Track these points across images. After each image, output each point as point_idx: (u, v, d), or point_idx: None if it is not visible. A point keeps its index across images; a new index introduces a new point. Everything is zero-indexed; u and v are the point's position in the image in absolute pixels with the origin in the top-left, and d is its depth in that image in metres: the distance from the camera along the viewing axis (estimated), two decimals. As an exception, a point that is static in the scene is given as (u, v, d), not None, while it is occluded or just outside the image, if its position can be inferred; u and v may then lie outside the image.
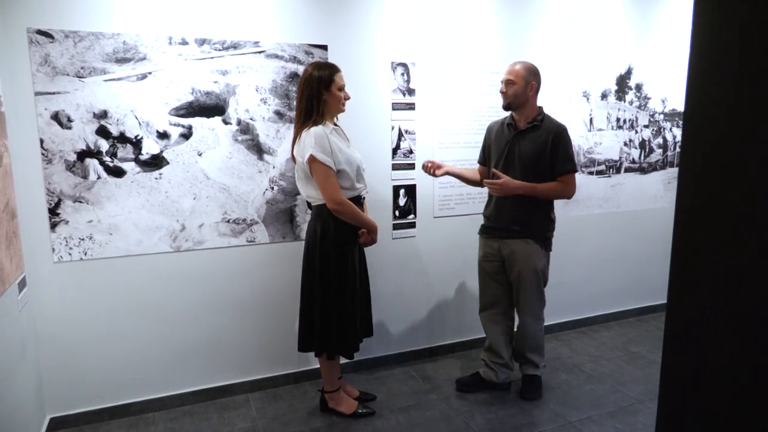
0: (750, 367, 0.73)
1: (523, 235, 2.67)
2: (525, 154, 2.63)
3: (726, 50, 0.74)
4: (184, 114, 2.55)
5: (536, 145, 2.61)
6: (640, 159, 3.85)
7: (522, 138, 2.65)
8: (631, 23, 3.62)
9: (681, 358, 0.89)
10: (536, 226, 2.68)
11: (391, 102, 2.97)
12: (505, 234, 2.71)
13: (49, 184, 2.35)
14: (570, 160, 2.61)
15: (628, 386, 2.91)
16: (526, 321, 2.76)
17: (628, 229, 3.86)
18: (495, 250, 2.77)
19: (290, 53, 2.71)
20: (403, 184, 3.07)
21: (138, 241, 2.53)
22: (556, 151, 2.59)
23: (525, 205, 2.64)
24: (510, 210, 2.67)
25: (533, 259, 2.67)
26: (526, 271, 2.68)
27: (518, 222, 2.66)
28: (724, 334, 0.78)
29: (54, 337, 2.46)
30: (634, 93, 3.74)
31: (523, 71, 2.60)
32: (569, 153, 2.62)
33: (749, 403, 0.74)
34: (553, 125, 2.62)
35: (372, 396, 2.78)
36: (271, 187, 2.75)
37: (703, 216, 0.81)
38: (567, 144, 2.61)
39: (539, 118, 2.64)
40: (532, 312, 2.75)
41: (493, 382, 2.86)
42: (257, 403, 2.76)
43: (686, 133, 0.82)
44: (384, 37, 2.90)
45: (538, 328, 2.77)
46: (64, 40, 2.30)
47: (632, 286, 3.95)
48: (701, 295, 0.82)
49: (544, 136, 2.60)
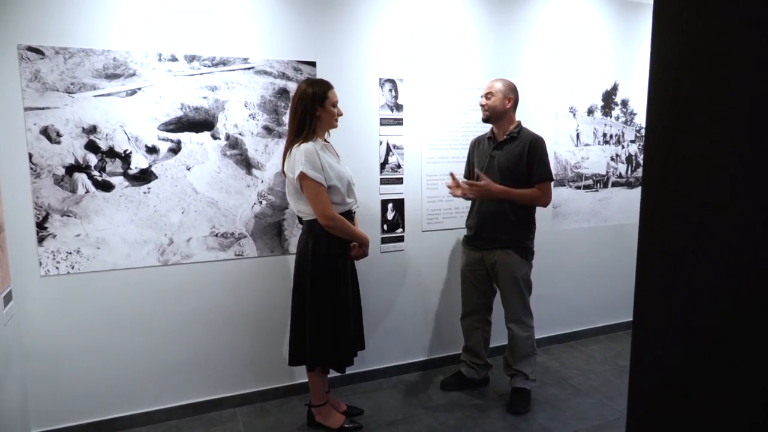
0: (714, 371, 0.75)
1: (503, 246, 2.76)
2: (503, 164, 2.74)
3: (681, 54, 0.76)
4: (173, 129, 2.58)
5: (513, 156, 2.72)
6: (627, 173, 3.90)
7: (500, 149, 2.77)
8: (617, 40, 3.69)
9: (648, 366, 0.91)
10: (516, 236, 2.76)
11: (379, 117, 3.01)
12: (486, 245, 2.81)
13: (37, 198, 2.37)
14: (545, 169, 2.71)
15: (615, 400, 2.91)
16: (512, 328, 2.83)
17: (616, 243, 3.89)
18: (477, 260, 2.87)
19: (279, 69, 2.75)
20: (392, 198, 3.10)
21: (126, 255, 2.54)
22: (532, 160, 2.70)
23: (506, 217, 2.73)
24: (491, 221, 2.77)
25: (514, 268, 2.76)
26: (508, 280, 2.78)
27: (499, 233, 2.76)
28: (690, 341, 0.80)
29: (40, 351, 2.45)
30: (620, 109, 3.80)
31: (501, 86, 2.74)
32: (544, 162, 2.72)
33: (715, 410, 0.76)
34: (529, 136, 2.74)
35: (359, 410, 2.77)
36: (260, 201, 2.78)
37: (665, 225, 0.83)
38: (542, 153, 2.71)
39: (516, 130, 2.76)
40: (517, 320, 2.81)
41: (474, 379, 3.06)
42: (244, 418, 2.75)
43: (648, 139, 0.84)
44: (372, 53, 2.95)
45: (526, 337, 2.81)
46: (54, 56, 2.33)
47: (621, 300, 3.97)
48: (667, 306, 0.85)
49: (521, 147, 2.71)
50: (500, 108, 2.73)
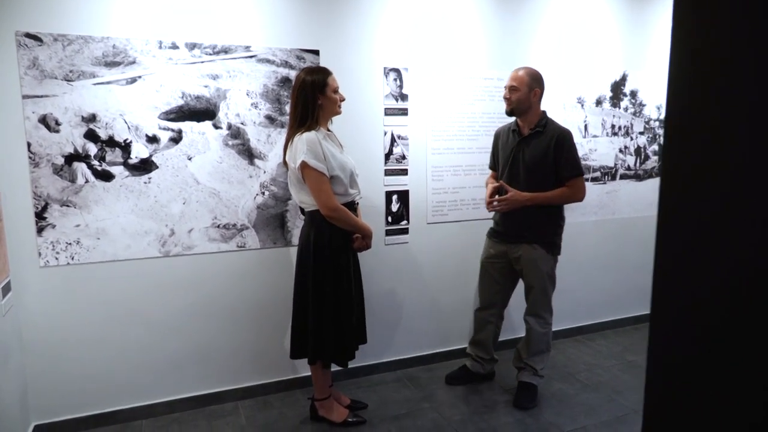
0: (733, 368, 0.71)
1: (529, 240, 2.68)
2: (529, 160, 2.64)
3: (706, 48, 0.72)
4: (174, 118, 2.53)
5: (539, 152, 2.62)
6: (635, 166, 3.83)
7: (526, 144, 2.66)
8: (626, 30, 3.62)
9: (666, 362, 0.86)
10: (543, 230, 2.68)
11: (383, 107, 2.95)
12: (512, 239, 2.73)
13: (36, 187, 2.33)
14: (574, 165, 2.61)
15: (623, 395, 2.86)
16: (530, 322, 2.77)
17: (623, 236, 3.83)
18: (501, 253, 2.80)
19: (281, 58, 2.70)
20: (396, 189, 3.05)
21: (126, 246, 2.51)
22: (560, 156, 2.59)
23: (532, 211, 2.64)
24: (517, 215, 2.68)
25: (539, 263, 2.68)
26: (533, 275, 2.71)
27: (525, 227, 2.68)
28: (708, 336, 0.75)
29: (40, 343, 2.42)
30: (629, 100, 3.73)
31: (526, 77, 2.60)
32: (573, 157, 2.61)
33: (733, 406, 0.71)
34: (556, 130, 2.62)
35: (363, 404, 2.73)
36: (262, 192, 2.73)
37: (685, 217, 0.78)
38: (570, 148, 2.61)
39: (542, 123, 2.64)
40: (537, 314, 2.76)
41: (479, 374, 3.00)
42: (247, 411, 2.71)
43: (668, 134, 0.79)
44: (376, 42, 2.90)
45: (543, 333, 2.76)
46: (52, 43, 2.29)
47: (628, 294, 3.91)
48: (685, 298, 0.80)
49: (546, 142, 2.61)
50: (526, 102, 2.60)
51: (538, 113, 2.66)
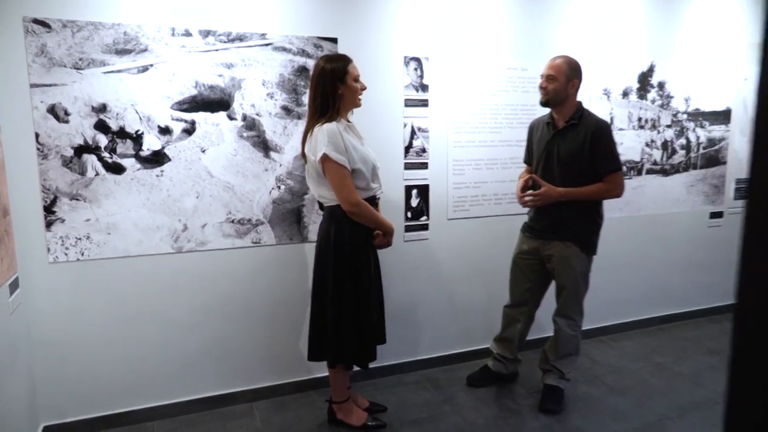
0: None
1: (563, 238, 2.55)
2: (563, 154, 2.51)
3: None
4: (187, 108, 2.43)
5: (574, 145, 2.49)
6: (662, 160, 3.69)
7: (561, 137, 2.53)
8: (654, 18, 3.47)
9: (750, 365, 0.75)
10: (578, 228, 2.55)
11: (403, 98, 2.83)
12: (545, 235, 2.61)
13: (45, 180, 2.24)
14: (612, 159, 2.47)
15: (653, 400, 2.74)
16: (558, 323, 2.65)
17: (648, 234, 3.69)
18: (534, 249, 2.68)
19: (298, 46, 2.58)
20: (416, 184, 2.93)
21: (138, 241, 2.41)
22: (596, 150, 2.46)
23: (567, 206, 2.51)
24: (551, 211, 2.55)
25: (572, 262, 2.56)
26: (565, 275, 2.58)
27: (559, 224, 2.55)
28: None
29: (48, 342, 2.34)
30: (657, 91, 3.58)
31: (565, 67, 2.48)
32: (611, 151, 2.48)
33: None
34: (592, 122, 2.49)
35: (382, 407, 2.63)
36: (278, 186, 2.63)
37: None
38: (607, 141, 2.47)
39: (577, 116, 2.51)
40: (567, 315, 2.63)
41: (502, 374, 2.88)
42: (262, 413, 2.62)
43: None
44: (397, 30, 2.78)
45: (572, 336, 2.64)
46: (61, 29, 2.19)
47: (653, 293, 3.78)
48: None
49: (583, 135, 2.47)
50: (563, 93, 2.47)
51: (575, 105, 2.53)
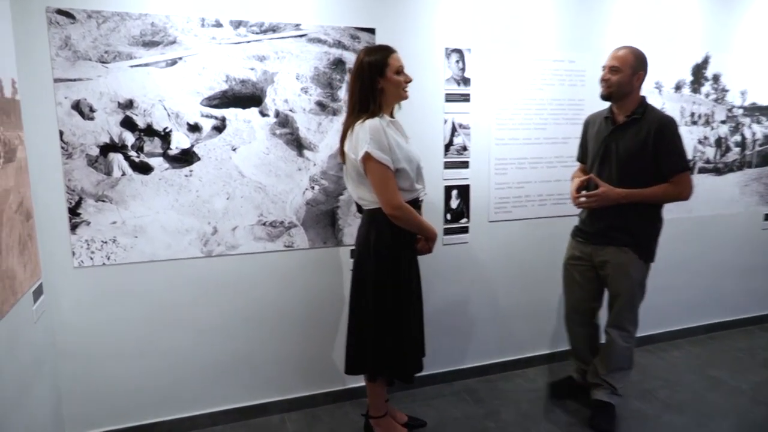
0: None
1: (619, 243, 2.36)
2: (623, 152, 2.31)
3: None
4: (218, 104, 2.29)
5: (635, 142, 2.29)
6: (715, 158, 3.45)
7: (620, 134, 2.34)
8: (709, 6, 3.23)
9: None
10: (637, 233, 2.35)
11: (444, 92, 2.66)
12: (598, 240, 2.42)
13: (69, 180, 2.12)
14: (679, 158, 2.27)
15: (715, 420, 2.53)
16: (611, 334, 2.45)
17: (699, 237, 3.46)
18: (586, 255, 2.49)
19: (334, 37, 2.42)
20: (456, 184, 2.75)
21: (166, 245, 2.29)
22: (660, 148, 2.25)
23: (625, 209, 2.31)
24: (606, 214, 2.35)
25: (629, 269, 2.36)
26: (620, 283, 2.39)
27: (614, 228, 2.36)
28: None
29: (74, 350, 2.23)
30: (711, 85, 3.35)
31: (631, 58, 2.28)
32: (677, 149, 2.27)
33: None
34: (656, 118, 2.29)
35: (422, 422, 2.48)
36: (312, 186, 2.48)
37: None
38: (673, 139, 2.27)
39: (640, 110, 2.31)
40: (620, 326, 2.44)
41: (582, 385, 2.68)
42: (294, 425, 2.49)
43: None
44: (437, 20, 2.59)
45: (625, 348, 2.45)
46: (86, 20, 2.06)
47: (703, 300, 3.55)
48: None
49: (645, 131, 2.27)
50: (627, 86, 2.28)
51: (638, 99, 2.33)
